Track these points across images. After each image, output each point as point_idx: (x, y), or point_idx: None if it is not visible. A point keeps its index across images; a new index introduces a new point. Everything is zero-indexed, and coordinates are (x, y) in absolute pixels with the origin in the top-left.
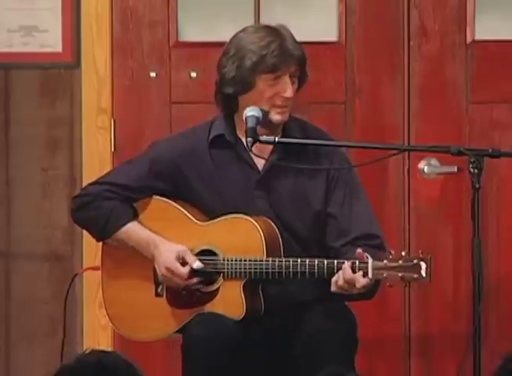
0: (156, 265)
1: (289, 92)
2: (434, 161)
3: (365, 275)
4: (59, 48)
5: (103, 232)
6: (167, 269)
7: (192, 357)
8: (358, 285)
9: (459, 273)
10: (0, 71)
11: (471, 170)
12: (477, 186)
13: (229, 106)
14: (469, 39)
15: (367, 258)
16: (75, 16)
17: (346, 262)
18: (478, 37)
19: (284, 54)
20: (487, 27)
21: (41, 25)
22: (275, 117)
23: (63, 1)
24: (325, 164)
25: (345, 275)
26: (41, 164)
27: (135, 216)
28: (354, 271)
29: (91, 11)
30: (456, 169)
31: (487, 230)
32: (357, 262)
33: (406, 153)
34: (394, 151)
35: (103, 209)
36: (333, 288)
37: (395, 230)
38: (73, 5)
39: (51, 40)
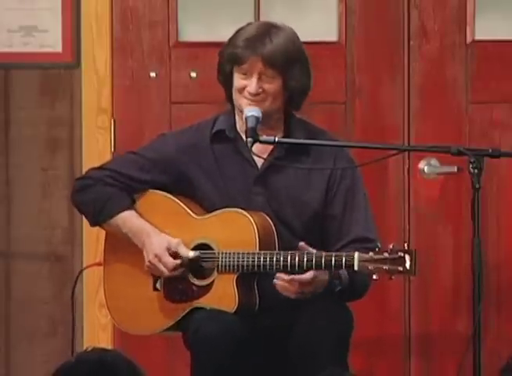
0: (144, 253)
1: (250, 88)
2: (434, 161)
3: (350, 267)
4: (59, 48)
5: (99, 215)
6: (156, 255)
7: (204, 355)
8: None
9: (459, 273)
10: (0, 71)
11: (471, 170)
12: (477, 186)
13: (230, 99)
14: (469, 39)
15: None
16: (75, 16)
17: (333, 254)
18: (478, 37)
19: (248, 47)
20: (487, 27)
21: (41, 25)
22: (244, 105)
23: (63, 1)
24: (328, 163)
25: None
26: (40, 164)
27: (132, 206)
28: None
29: (91, 11)
30: (456, 169)
31: (487, 230)
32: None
33: (406, 153)
34: (394, 151)
35: (103, 194)
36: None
37: (395, 230)
38: (73, 5)
39: (51, 40)
